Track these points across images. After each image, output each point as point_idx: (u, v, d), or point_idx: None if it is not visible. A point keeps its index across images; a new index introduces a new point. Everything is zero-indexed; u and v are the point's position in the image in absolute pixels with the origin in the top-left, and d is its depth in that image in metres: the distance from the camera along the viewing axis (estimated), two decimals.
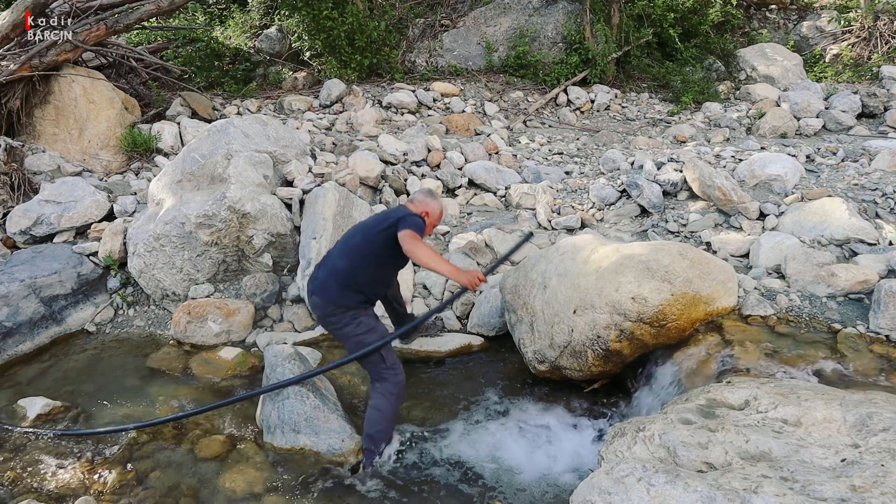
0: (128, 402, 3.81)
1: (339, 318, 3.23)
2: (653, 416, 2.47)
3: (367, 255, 3.23)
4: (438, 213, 3.46)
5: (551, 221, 5.43)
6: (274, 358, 3.55)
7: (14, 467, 3.20)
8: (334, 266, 3.27)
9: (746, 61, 9.60)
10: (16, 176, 5.58)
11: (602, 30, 9.03)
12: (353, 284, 3.23)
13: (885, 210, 4.67)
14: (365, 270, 3.25)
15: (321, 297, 3.27)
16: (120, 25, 6.46)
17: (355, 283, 3.23)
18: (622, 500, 1.88)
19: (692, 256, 3.41)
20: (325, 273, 3.30)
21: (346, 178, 5.26)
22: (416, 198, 3.48)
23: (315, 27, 8.65)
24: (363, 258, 3.23)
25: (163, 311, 4.80)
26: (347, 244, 3.32)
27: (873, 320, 3.35)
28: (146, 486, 3.04)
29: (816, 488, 1.82)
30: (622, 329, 3.30)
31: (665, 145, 7.38)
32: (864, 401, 2.31)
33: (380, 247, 3.22)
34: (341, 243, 3.36)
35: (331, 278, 3.25)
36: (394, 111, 8.00)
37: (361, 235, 3.30)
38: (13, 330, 4.35)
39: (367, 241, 3.25)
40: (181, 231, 4.56)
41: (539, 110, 8.59)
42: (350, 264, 3.23)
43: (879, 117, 7.86)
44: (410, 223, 3.13)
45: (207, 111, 7.26)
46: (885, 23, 9.62)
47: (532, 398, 3.75)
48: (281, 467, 3.14)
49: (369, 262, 3.25)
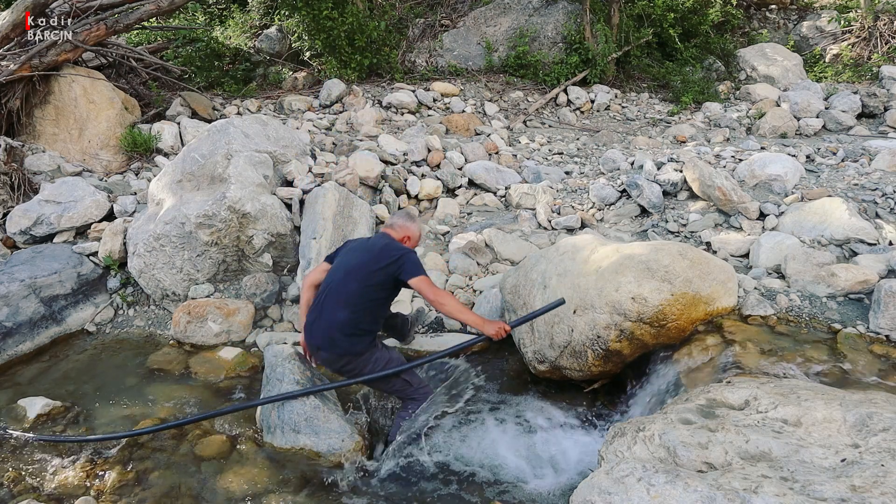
0: (128, 402, 3.81)
1: (354, 364, 3.24)
2: (653, 416, 2.47)
3: (367, 302, 3.19)
4: (418, 236, 3.48)
5: (551, 221, 5.43)
6: (274, 358, 3.55)
7: (14, 467, 3.20)
8: (335, 318, 3.18)
9: (746, 61, 9.60)
10: (16, 176, 5.58)
11: (602, 30, 9.03)
12: (358, 331, 3.20)
13: (885, 210, 4.67)
14: (368, 316, 3.22)
15: (331, 352, 3.23)
16: (120, 25, 6.46)
17: (361, 329, 3.20)
18: (622, 500, 1.88)
19: (692, 256, 3.41)
20: (326, 325, 3.21)
21: (346, 178, 5.26)
22: (396, 223, 3.43)
23: (315, 27, 8.66)
24: (364, 306, 3.18)
25: (163, 311, 4.80)
26: (342, 292, 3.19)
27: (873, 320, 3.35)
28: (146, 486, 3.04)
29: (816, 488, 1.82)
30: (622, 329, 3.30)
31: (665, 145, 7.38)
32: (864, 401, 2.31)
33: (379, 290, 3.20)
34: (335, 290, 3.22)
35: (335, 331, 3.18)
36: (394, 111, 8.00)
37: (356, 282, 3.18)
38: (13, 330, 4.35)
39: (365, 287, 3.16)
40: (181, 231, 4.56)
41: (539, 110, 8.59)
42: (352, 314, 3.17)
43: (879, 117, 7.86)
44: (414, 267, 3.11)
45: (207, 111, 7.26)
46: (885, 23, 9.62)
47: (532, 398, 3.74)
48: (281, 467, 3.14)
49: (371, 307, 3.22)
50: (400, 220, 3.46)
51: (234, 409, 3.48)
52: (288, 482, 3.05)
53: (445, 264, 4.93)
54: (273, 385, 3.40)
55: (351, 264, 3.27)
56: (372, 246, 3.31)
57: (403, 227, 3.41)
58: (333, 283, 3.27)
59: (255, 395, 3.63)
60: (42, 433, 3.49)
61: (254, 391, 3.78)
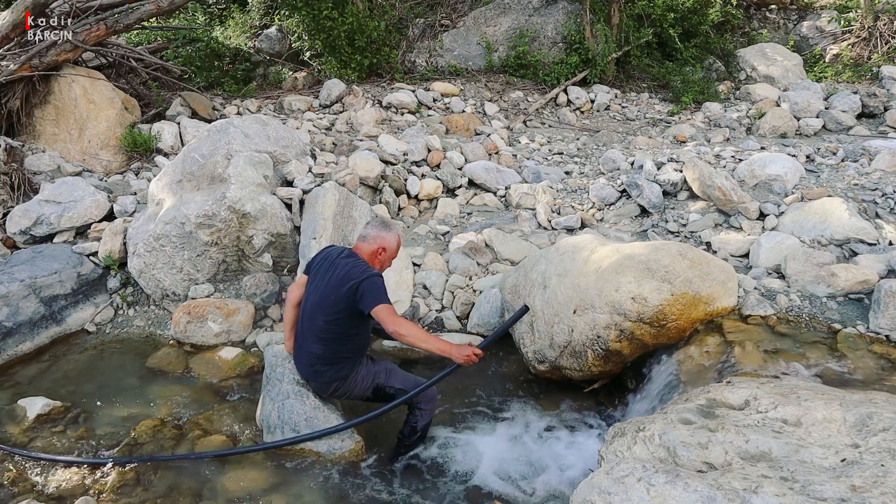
0: (128, 402, 3.81)
1: (345, 388, 3.21)
2: (653, 416, 2.47)
3: (338, 335, 3.06)
4: (395, 248, 3.18)
5: (551, 221, 5.43)
6: (274, 358, 3.55)
7: (14, 467, 3.20)
8: (313, 352, 3.12)
9: (746, 61, 9.60)
10: (16, 176, 5.58)
11: (602, 30, 9.03)
12: (340, 359, 3.13)
13: (885, 210, 4.67)
14: (347, 344, 3.12)
15: (319, 381, 3.21)
16: (120, 25, 6.46)
17: (342, 357, 3.13)
18: (622, 500, 1.88)
19: (692, 256, 3.41)
20: (307, 359, 3.17)
21: (346, 178, 5.26)
22: (370, 234, 3.15)
23: (315, 27, 8.65)
24: (337, 338, 3.07)
25: (163, 311, 4.80)
26: (313, 328, 3.08)
27: (873, 320, 3.35)
28: (146, 486, 3.04)
29: (816, 488, 1.82)
30: (622, 329, 3.30)
31: (665, 145, 7.38)
32: (864, 401, 2.31)
33: (347, 322, 3.02)
34: (307, 325, 3.12)
35: (318, 363, 3.14)
36: (394, 111, 8.00)
37: (322, 318, 3.02)
38: (13, 330, 4.35)
39: (332, 321, 3.01)
40: (181, 231, 4.56)
41: (539, 110, 8.59)
42: (328, 347, 3.09)
43: (879, 117, 7.86)
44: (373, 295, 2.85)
45: (207, 111, 7.26)
46: (885, 23, 9.62)
47: (532, 398, 3.75)
48: (281, 467, 3.14)
49: (345, 337, 3.09)
50: (374, 230, 3.16)
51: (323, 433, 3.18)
52: (288, 482, 3.05)
53: (445, 264, 4.93)
54: (273, 385, 3.40)
55: (315, 297, 3.10)
56: (335, 273, 3.06)
57: (378, 238, 3.13)
58: (305, 314, 3.16)
59: (256, 396, 3.62)
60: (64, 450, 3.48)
61: (254, 391, 3.78)
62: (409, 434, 3.24)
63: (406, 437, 3.24)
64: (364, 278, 2.92)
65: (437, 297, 4.67)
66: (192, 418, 3.59)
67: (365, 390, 3.23)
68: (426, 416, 3.23)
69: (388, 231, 3.18)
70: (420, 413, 3.21)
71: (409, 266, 4.80)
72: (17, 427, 3.54)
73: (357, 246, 3.20)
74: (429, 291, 4.70)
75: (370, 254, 3.14)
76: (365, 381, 3.21)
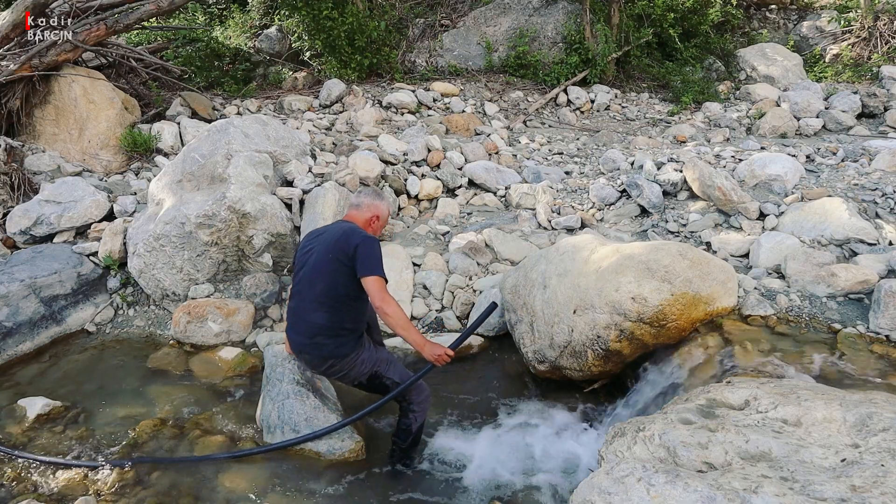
0: (128, 402, 3.81)
1: (340, 366, 3.10)
2: (653, 416, 2.47)
3: (341, 300, 2.96)
4: (387, 215, 3.24)
5: (551, 221, 5.43)
6: (274, 358, 3.55)
7: (14, 467, 3.20)
8: (312, 322, 3.01)
9: (746, 61, 9.60)
10: (16, 176, 5.58)
11: (602, 30, 9.03)
12: (343, 331, 3.02)
13: (885, 210, 4.67)
14: (350, 314, 3.02)
15: (315, 355, 3.08)
16: (120, 25, 6.46)
17: (345, 328, 3.02)
18: (622, 500, 1.88)
19: (692, 256, 3.41)
20: (307, 329, 3.05)
21: (346, 178, 5.26)
22: (363, 202, 3.15)
23: (315, 27, 8.65)
24: (339, 304, 2.96)
25: (163, 311, 4.80)
26: (312, 294, 2.99)
27: (873, 320, 3.35)
28: (146, 485, 3.04)
29: (816, 488, 1.82)
30: (622, 329, 3.30)
31: (665, 145, 7.38)
32: (864, 401, 2.31)
33: (348, 286, 2.94)
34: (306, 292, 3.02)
35: (315, 335, 3.03)
36: (394, 111, 8.00)
37: (322, 282, 2.95)
38: (13, 330, 4.35)
39: (333, 284, 2.93)
40: (181, 231, 4.56)
41: (539, 110, 8.59)
42: (331, 315, 2.98)
43: (879, 117, 7.86)
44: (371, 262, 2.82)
45: (207, 111, 7.26)
46: (885, 23, 9.62)
47: (532, 398, 3.75)
48: (280, 467, 3.14)
49: (348, 304, 2.99)
50: (367, 198, 3.15)
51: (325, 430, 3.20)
52: (288, 482, 3.05)
53: (445, 264, 4.93)
54: (273, 385, 3.40)
55: (312, 262, 3.04)
56: (332, 233, 3.03)
57: (371, 206, 3.13)
58: (303, 283, 3.06)
59: (256, 396, 3.62)
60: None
61: (254, 391, 3.78)
62: (404, 437, 3.18)
63: (401, 440, 3.19)
64: (363, 239, 2.90)
65: (437, 297, 4.67)
66: (192, 418, 3.59)
67: (361, 375, 3.12)
68: (419, 418, 3.17)
69: (381, 199, 3.20)
70: (413, 415, 3.14)
71: (409, 266, 4.80)
72: (17, 427, 3.55)
73: (349, 214, 3.19)
74: (429, 291, 4.70)
75: (364, 221, 3.15)
76: (364, 364, 3.10)
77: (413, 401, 3.14)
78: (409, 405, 3.15)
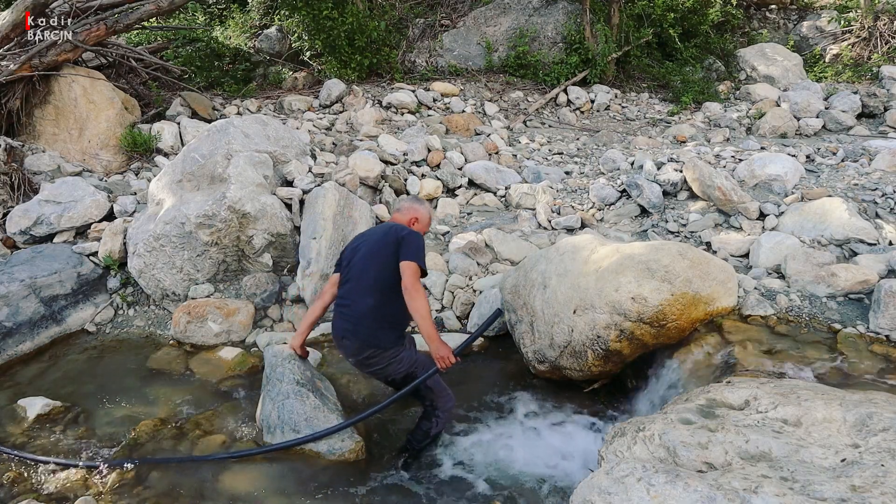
0: (128, 402, 3.81)
1: (378, 359, 3.12)
2: (653, 416, 2.47)
3: (391, 288, 3.04)
4: (427, 219, 3.40)
5: (551, 221, 5.43)
6: (274, 358, 3.55)
7: (14, 467, 3.20)
8: (364, 305, 3.08)
9: (746, 61, 9.60)
10: (16, 176, 5.58)
11: (602, 30, 9.03)
12: (387, 322, 3.08)
13: (885, 210, 4.67)
14: (394, 303, 3.06)
15: (354, 339, 3.11)
16: (120, 25, 6.46)
17: (387, 318, 3.08)
18: (622, 500, 1.88)
19: (692, 256, 3.41)
20: (353, 314, 3.11)
21: (346, 178, 5.26)
22: (404, 206, 3.40)
23: (315, 27, 8.65)
24: (389, 291, 3.04)
25: (163, 311, 4.80)
26: (364, 280, 3.11)
27: (873, 320, 3.35)
28: (146, 485, 3.04)
29: (816, 488, 1.82)
30: (622, 329, 3.30)
31: (665, 145, 7.38)
32: (864, 401, 2.31)
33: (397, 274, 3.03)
34: (355, 279, 3.15)
35: (362, 320, 3.08)
36: (394, 111, 8.00)
37: (374, 269, 3.09)
38: (13, 330, 4.35)
39: (383, 271, 3.06)
40: (181, 231, 4.56)
41: (539, 110, 8.59)
42: (379, 300, 3.06)
43: (879, 117, 7.86)
44: (414, 250, 3.01)
45: (207, 111, 7.26)
46: (885, 23, 9.62)
47: (532, 398, 3.74)
48: (281, 467, 3.14)
49: (395, 293, 3.03)
50: (407, 202, 3.44)
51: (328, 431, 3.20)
52: (288, 482, 3.05)
53: (445, 264, 4.93)
54: (273, 385, 3.40)
55: (363, 252, 3.20)
56: (379, 230, 3.29)
57: (410, 209, 3.37)
58: (353, 274, 3.19)
59: (256, 396, 3.62)
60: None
61: (254, 391, 3.78)
62: (422, 438, 3.24)
63: (418, 440, 3.25)
64: (409, 232, 3.14)
65: (437, 297, 4.67)
66: (192, 418, 3.59)
67: (397, 373, 3.16)
68: (440, 425, 3.23)
69: (421, 204, 3.46)
70: (436, 420, 3.21)
71: None
72: (17, 427, 3.55)
73: (393, 217, 3.46)
74: (429, 291, 4.70)
75: (405, 222, 3.34)
76: (402, 364, 3.14)
77: (440, 407, 3.20)
78: (436, 410, 3.20)
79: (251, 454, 3.22)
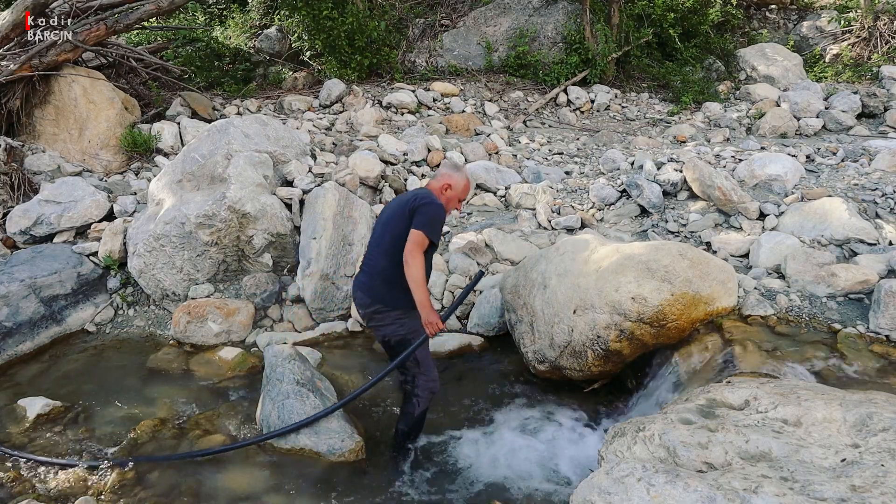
0: (128, 402, 3.81)
1: (383, 316, 3.16)
2: (653, 416, 2.47)
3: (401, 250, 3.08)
4: (463, 186, 3.29)
5: (551, 221, 5.43)
6: (274, 358, 3.55)
7: (14, 467, 3.20)
8: (376, 265, 3.19)
9: (746, 61, 9.59)
10: (16, 176, 5.58)
11: (602, 30, 9.03)
12: (397, 282, 3.08)
13: (885, 210, 4.67)
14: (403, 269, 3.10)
15: (366, 293, 3.19)
16: (120, 25, 6.45)
17: (400, 279, 3.07)
18: (622, 500, 1.88)
19: (692, 256, 3.41)
20: (368, 273, 3.23)
21: (346, 178, 5.26)
22: (440, 171, 3.33)
23: (315, 27, 8.65)
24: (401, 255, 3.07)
25: (163, 311, 4.80)
26: (381, 244, 3.21)
27: (873, 320, 3.35)
28: (146, 485, 3.04)
29: (816, 488, 1.82)
30: (622, 329, 3.30)
31: (665, 145, 7.38)
32: (864, 401, 2.31)
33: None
34: (375, 244, 3.26)
35: (376, 277, 3.18)
36: (394, 111, 8.00)
37: (389, 233, 3.16)
38: (13, 330, 4.35)
39: (399, 236, 3.09)
40: (181, 231, 4.56)
41: (539, 110, 8.59)
42: (389, 263, 3.12)
43: (879, 117, 7.85)
44: (427, 219, 3.04)
45: (207, 111, 7.26)
46: (885, 23, 9.62)
47: (532, 398, 3.75)
48: (281, 467, 3.14)
49: None
50: (444, 169, 3.35)
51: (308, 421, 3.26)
52: (288, 482, 3.05)
53: (445, 264, 4.93)
54: (273, 385, 3.40)
55: (384, 218, 3.26)
56: (406, 196, 3.29)
57: (444, 175, 3.28)
58: (374, 238, 3.30)
59: (256, 396, 3.63)
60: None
61: (254, 391, 3.78)
62: (406, 422, 3.26)
63: (403, 424, 3.27)
64: (426, 202, 3.10)
65: (437, 296, 4.67)
66: (193, 418, 3.59)
67: (395, 334, 3.18)
68: (423, 404, 3.23)
69: (458, 171, 3.34)
70: (417, 400, 3.22)
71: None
72: (17, 427, 3.55)
73: (428, 184, 3.39)
74: (429, 291, 4.70)
75: (438, 189, 3.28)
76: (404, 327, 3.16)
77: (420, 385, 3.20)
78: (415, 389, 3.21)
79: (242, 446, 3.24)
